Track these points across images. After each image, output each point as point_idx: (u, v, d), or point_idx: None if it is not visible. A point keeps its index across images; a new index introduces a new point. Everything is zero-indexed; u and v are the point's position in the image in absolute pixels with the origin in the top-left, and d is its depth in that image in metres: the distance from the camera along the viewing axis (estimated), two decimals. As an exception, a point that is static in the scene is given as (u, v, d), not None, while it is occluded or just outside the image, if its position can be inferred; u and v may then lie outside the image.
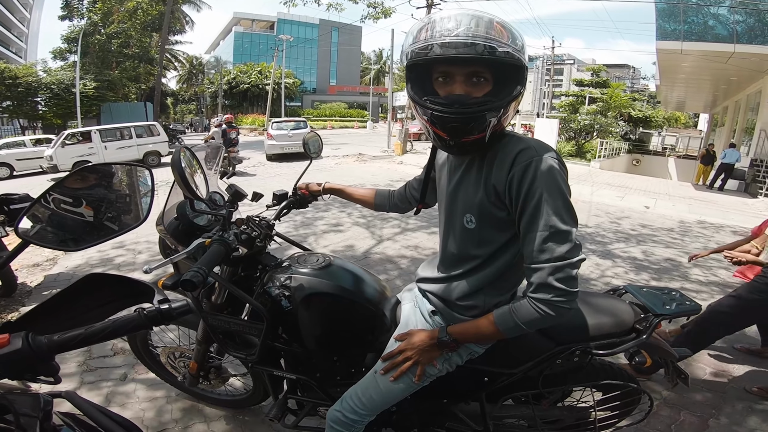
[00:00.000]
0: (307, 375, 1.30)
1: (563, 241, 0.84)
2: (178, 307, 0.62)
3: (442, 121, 0.86)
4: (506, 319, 0.92)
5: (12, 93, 16.91)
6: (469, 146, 0.90)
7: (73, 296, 0.67)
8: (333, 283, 1.22)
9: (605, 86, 22.60)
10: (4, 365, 0.54)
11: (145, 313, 0.60)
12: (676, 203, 7.70)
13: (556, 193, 0.84)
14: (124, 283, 0.69)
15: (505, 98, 0.85)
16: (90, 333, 0.58)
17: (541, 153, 0.86)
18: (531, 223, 0.86)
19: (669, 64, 11.85)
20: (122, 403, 1.91)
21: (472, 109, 0.84)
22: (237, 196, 1.24)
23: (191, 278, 0.82)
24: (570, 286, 0.85)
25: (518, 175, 0.85)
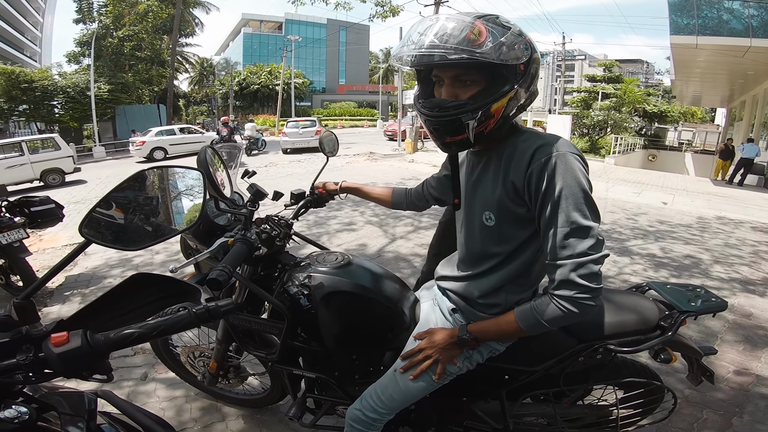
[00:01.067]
0: (325, 374, 1.31)
1: (585, 237, 0.83)
2: (225, 305, 0.64)
3: (427, 124, 0.92)
4: (528, 317, 0.92)
5: (28, 97, 17.21)
6: (455, 146, 0.93)
7: (120, 295, 0.69)
8: (352, 281, 1.22)
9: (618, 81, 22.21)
10: (65, 363, 0.55)
11: (194, 311, 0.62)
12: (695, 199, 7.54)
13: (577, 189, 0.83)
14: (169, 283, 0.71)
15: (486, 99, 0.84)
16: (144, 331, 0.59)
17: (561, 149, 0.85)
18: (551, 220, 0.85)
19: (684, 58, 11.63)
20: (143, 403, 1.94)
21: (449, 113, 0.86)
22: (258, 195, 1.24)
23: (217, 277, 0.83)
24: (593, 283, 0.84)
25: (537, 171, 0.85)
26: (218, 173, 1.06)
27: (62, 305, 3.03)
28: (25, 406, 0.58)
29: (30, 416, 0.57)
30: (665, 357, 1.11)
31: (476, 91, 0.86)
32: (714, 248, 4.42)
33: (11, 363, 0.56)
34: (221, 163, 1.09)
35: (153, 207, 0.82)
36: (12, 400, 0.59)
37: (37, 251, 4.40)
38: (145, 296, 0.69)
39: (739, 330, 2.62)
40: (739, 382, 2.09)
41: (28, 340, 0.59)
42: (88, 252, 4.25)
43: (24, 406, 0.58)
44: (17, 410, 0.56)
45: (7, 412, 0.56)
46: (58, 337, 0.56)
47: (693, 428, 1.76)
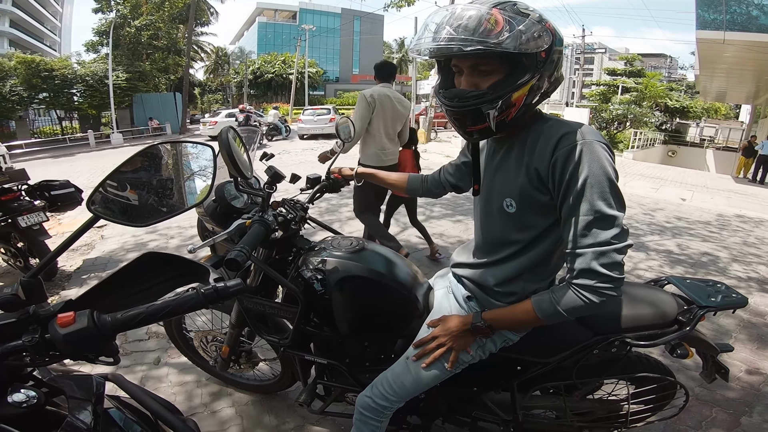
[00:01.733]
0: (337, 360, 1.31)
1: (609, 226, 0.81)
2: (233, 285, 0.62)
3: (447, 114, 0.91)
4: (546, 306, 0.90)
5: (48, 85, 17.46)
6: (477, 135, 0.92)
7: (130, 275, 0.68)
8: (366, 266, 1.21)
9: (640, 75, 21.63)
10: (71, 344, 0.54)
11: (202, 291, 0.61)
12: (715, 196, 7.35)
13: (602, 177, 0.81)
14: (178, 262, 0.70)
15: (506, 88, 0.83)
16: (151, 312, 0.58)
17: (587, 136, 0.83)
18: (574, 208, 0.83)
19: (709, 54, 11.26)
20: (155, 387, 1.96)
21: (468, 102, 0.85)
22: (276, 178, 1.24)
23: (235, 257, 0.83)
24: (616, 272, 0.82)
25: (562, 158, 0.83)
26: (239, 154, 1.05)
27: (80, 288, 3.11)
28: (34, 390, 0.57)
29: (38, 400, 0.56)
30: (682, 352, 1.08)
31: (496, 79, 0.84)
32: (732, 246, 4.32)
33: (17, 344, 0.55)
34: (242, 144, 1.08)
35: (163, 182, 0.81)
36: (21, 384, 0.58)
37: (56, 234, 4.50)
38: (155, 276, 0.69)
39: (752, 329, 2.57)
40: (750, 382, 2.06)
41: (35, 321, 0.57)
42: (105, 236, 4.35)
43: (33, 390, 0.57)
44: (26, 394, 0.55)
45: (16, 396, 0.55)
46: (65, 317, 0.55)
47: (701, 426, 1.74)
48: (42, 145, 16.01)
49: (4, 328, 0.57)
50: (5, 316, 0.58)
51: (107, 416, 0.66)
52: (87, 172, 9.77)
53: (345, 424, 1.69)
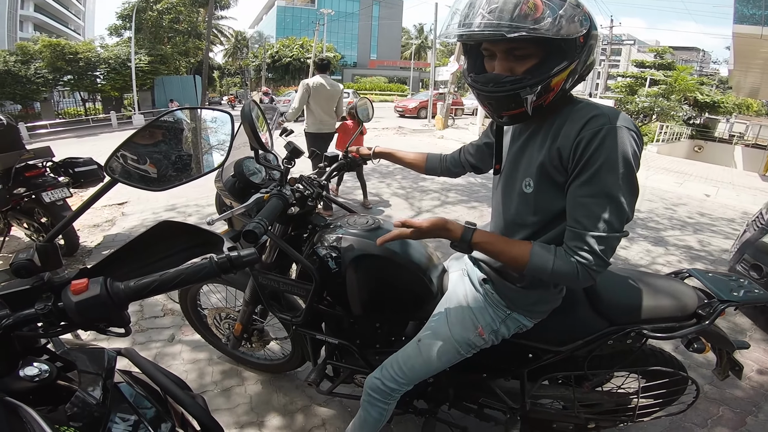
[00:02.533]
0: (348, 341, 1.32)
1: (617, 213, 0.81)
2: (247, 255, 0.61)
3: (481, 99, 0.89)
4: (543, 258, 0.87)
5: (73, 68, 17.72)
6: (512, 119, 0.90)
7: (146, 244, 0.68)
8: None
9: (670, 68, 20.80)
10: (82, 312, 0.52)
11: (216, 260, 0.59)
12: (740, 193, 7.06)
13: (621, 163, 0.79)
14: (194, 232, 0.69)
15: (544, 74, 0.80)
16: (164, 280, 0.57)
17: (616, 121, 0.80)
18: (585, 186, 0.82)
19: (746, 49, 10.77)
20: (168, 364, 2.00)
21: (505, 88, 0.82)
22: (295, 153, 1.24)
23: (253, 229, 0.83)
24: (609, 258, 0.84)
25: (586, 139, 0.81)
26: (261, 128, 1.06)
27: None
28: (47, 364, 0.56)
29: (50, 374, 0.55)
30: (698, 346, 1.05)
31: (532, 64, 0.81)
32: (759, 246, 4.15)
33: (30, 313, 0.53)
34: (264, 120, 1.08)
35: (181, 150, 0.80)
36: (34, 357, 0.57)
37: (78, 211, 4.63)
38: (171, 246, 0.68)
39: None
40: (760, 381, 2.03)
41: (49, 288, 0.56)
42: (126, 213, 4.45)
43: (46, 364, 0.56)
44: (39, 368, 0.55)
45: (28, 370, 0.54)
46: (78, 284, 0.53)
47: (707, 424, 1.72)
48: (66, 125, 16.36)
49: (18, 296, 0.56)
50: (19, 283, 0.57)
51: (117, 391, 0.65)
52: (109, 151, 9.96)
53: (352, 405, 1.71)
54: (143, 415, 0.65)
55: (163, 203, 4.66)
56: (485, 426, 1.56)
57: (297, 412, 1.71)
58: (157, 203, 4.70)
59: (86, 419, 0.57)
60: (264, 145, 0.99)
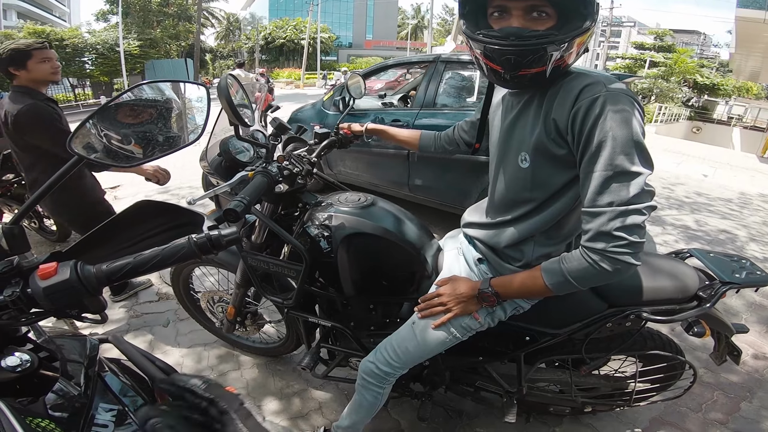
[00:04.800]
0: (341, 323, 1.30)
1: (629, 184, 0.73)
2: (228, 234, 0.58)
3: (497, 54, 0.79)
4: (555, 273, 0.84)
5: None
6: (528, 80, 0.81)
7: (123, 225, 0.64)
8: (375, 223, 1.16)
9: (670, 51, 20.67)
10: (53, 296, 0.49)
11: (194, 240, 0.56)
12: (738, 174, 7.06)
13: (626, 130, 0.73)
14: (174, 211, 0.65)
15: (570, 32, 0.75)
16: (139, 262, 0.53)
17: (612, 89, 0.76)
18: (592, 162, 0.76)
19: (748, 33, 10.74)
20: (164, 350, 1.99)
21: (531, 41, 0.76)
22: (281, 129, 1.19)
23: (234, 207, 0.80)
24: (634, 236, 0.74)
25: (584, 109, 0.76)
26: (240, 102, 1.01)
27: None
28: (29, 354, 0.53)
29: (32, 364, 0.53)
30: (698, 330, 1.03)
31: (549, 25, 0.77)
32: (752, 225, 4.17)
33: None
34: (244, 93, 1.03)
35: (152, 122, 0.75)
36: (15, 347, 0.54)
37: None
38: (150, 227, 0.64)
39: (763, 312, 2.49)
40: (754, 366, 2.02)
41: (18, 273, 0.52)
42: (118, 197, 4.38)
43: (28, 354, 0.53)
44: (20, 358, 0.52)
45: (9, 360, 0.52)
46: (46, 269, 0.49)
47: (701, 409, 1.72)
48: (57, 111, 16.17)
49: None
50: None
51: (101, 380, 0.63)
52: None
53: (348, 389, 1.70)
54: (128, 404, 0.63)
55: (157, 186, 4.59)
56: (482, 409, 1.56)
57: (294, 396, 1.70)
58: (151, 186, 4.60)
59: (67, 410, 0.55)
60: (242, 120, 0.94)
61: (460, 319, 1.01)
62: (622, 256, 0.75)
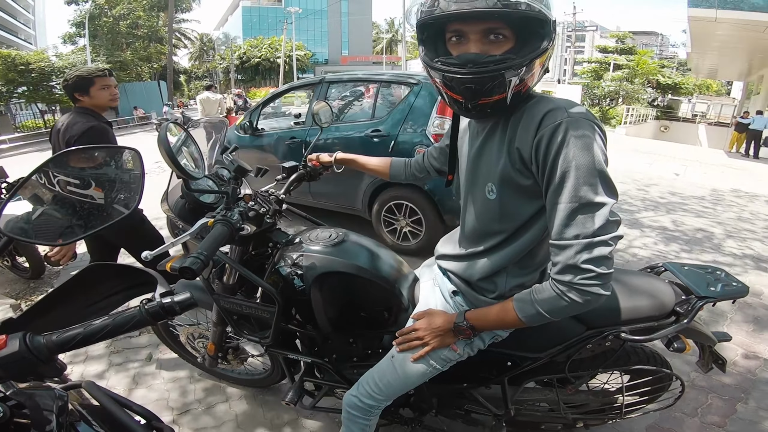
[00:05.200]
0: (322, 358, 1.27)
1: (594, 215, 0.73)
2: (182, 301, 0.56)
3: (456, 83, 0.77)
4: (527, 307, 0.83)
5: (26, 79, 17.12)
6: (489, 109, 0.80)
7: (73, 290, 0.63)
8: (347, 260, 1.14)
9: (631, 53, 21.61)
10: (5, 367, 0.50)
11: (146, 308, 0.55)
12: (708, 170, 7.36)
13: (589, 159, 0.72)
14: (127, 273, 0.64)
15: (527, 55, 0.74)
16: (89, 332, 0.53)
17: (574, 114, 0.74)
18: (557, 193, 0.75)
19: (702, 32, 11.28)
20: (148, 385, 1.94)
21: (488, 68, 0.74)
22: (240, 171, 1.15)
23: (190, 265, 0.75)
24: (602, 267, 0.74)
25: (546, 137, 0.75)
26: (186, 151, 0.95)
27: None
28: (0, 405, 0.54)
29: (4, 415, 0.53)
30: (679, 346, 1.03)
31: (507, 48, 0.76)
32: (727, 222, 4.31)
33: None
34: (191, 140, 0.98)
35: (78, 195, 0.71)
36: None
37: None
38: (105, 289, 0.63)
39: (748, 310, 2.52)
40: (746, 366, 2.03)
41: None
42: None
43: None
44: None
45: None
46: None
47: (697, 413, 1.72)
48: (26, 139, 15.67)
49: None
50: None
51: (73, 429, 0.62)
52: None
53: (339, 417, 1.67)
54: None
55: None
56: (474, 430, 1.54)
57: (284, 426, 1.67)
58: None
59: None
60: (188, 173, 0.88)
61: (439, 351, 1.00)
62: (590, 287, 0.75)
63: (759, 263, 3.28)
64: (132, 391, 1.92)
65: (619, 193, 0.78)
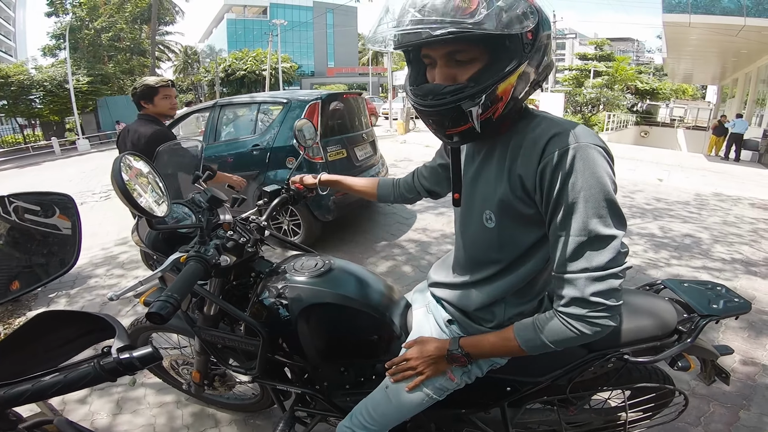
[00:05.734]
0: (313, 387, 1.20)
1: (604, 248, 0.69)
2: (143, 357, 0.51)
3: (422, 114, 0.76)
4: (530, 337, 0.79)
5: (5, 92, 16.85)
6: (461, 137, 0.77)
7: (27, 337, 0.57)
8: (334, 291, 1.08)
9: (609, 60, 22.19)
10: None
11: (101, 365, 0.50)
12: (690, 175, 7.49)
13: (598, 190, 0.68)
14: (83, 319, 0.59)
15: (489, 80, 0.69)
16: (39, 389, 0.48)
17: (581, 139, 0.70)
18: (565, 225, 0.71)
19: (676, 37, 11.63)
20: (133, 410, 1.86)
21: (445, 100, 0.70)
22: (214, 202, 1.06)
23: (158, 311, 0.66)
24: (611, 299, 0.70)
25: (552, 165, 0.70)
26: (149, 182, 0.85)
27: (46, 308, 2.90)
28: None
29: None
30: (683, 365, 1.00)
31: (477, 69, 0.70)
32: (713, 227, 4.36)
33: None
34: (153, 172, 0.86)
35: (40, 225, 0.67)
36: None
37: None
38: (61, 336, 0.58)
39: (745, 316, 2.51)
40: (745, 373, 2.03)
41: None
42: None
43: None
44: None
45: None
46: None
47: (700, 422, 1.70)
48: (5, 155, 15.30)
49: None
50: None
51: None
52: (51, 181, 9.35)
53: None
54: None
55: (114, 237, 4.35)
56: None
57: (276, 453, 1.59)
58: (108, 237, 4.37)
59: None
60: (145, 210, 0.78)
61: (434, 380, 0.95)
62: (599, 320, 0.71)
63: (748, 267, 3.30)
64: (116, 416, 1.84)
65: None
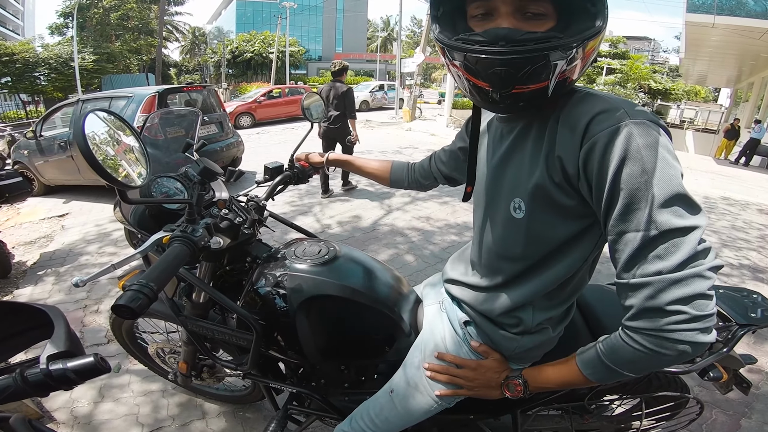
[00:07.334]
0: (309, 385, 1.11)
1: (681, 243, 0.54)
2: (80, 368, 0.40)
3: (484, 65, 0.59)
4: (596, 367, 0.66)
5: (9, 69, 16.98)
6: (524, 101, 0.62)
7: None
8: (338, 282, 0.97)
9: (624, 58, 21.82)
10: None
11: (24, 376, 0.40)
12: (698, 177, 7.34)
13: (664, 173, 0.55)
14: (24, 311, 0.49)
15: (578, 34, 0.58)
16: None
17: (635, 116, 0.57)
18: (625, 219, 0.57)
19: (697, 37, 11.39)
20: (116, 398, 1.79)
21: (528, 46, 0.57)
22: (207, 174, 0.94)
23: (127, 303, 0.56)
24: (697, 307, 0.54)
25: (601, 145, 0.57)
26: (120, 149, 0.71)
27: (34, 287, 2.83)
28: None
29: None
30: (715, 375, 0.91)
31: (548, 27, 0.60)
32: (721, 230, 4.27)
33: None
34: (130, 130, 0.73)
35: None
36: None
37: (13, 225, 4.18)
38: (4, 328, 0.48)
39: None
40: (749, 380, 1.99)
41: None
42: (66, 226, 4.04)
43: None
44: None
45: None
46: None
47: (702, 429, 1.67)
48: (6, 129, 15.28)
49: None
50: None
51: None
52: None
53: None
54: None
55: (108, 214, 4.26)
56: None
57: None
58: (102, 213, 4.30)
59: None
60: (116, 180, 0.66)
61: None
62: (683, 334, 0.55)
63: (756, 273, 3.23)
64: (98, 404, 1.77)
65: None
